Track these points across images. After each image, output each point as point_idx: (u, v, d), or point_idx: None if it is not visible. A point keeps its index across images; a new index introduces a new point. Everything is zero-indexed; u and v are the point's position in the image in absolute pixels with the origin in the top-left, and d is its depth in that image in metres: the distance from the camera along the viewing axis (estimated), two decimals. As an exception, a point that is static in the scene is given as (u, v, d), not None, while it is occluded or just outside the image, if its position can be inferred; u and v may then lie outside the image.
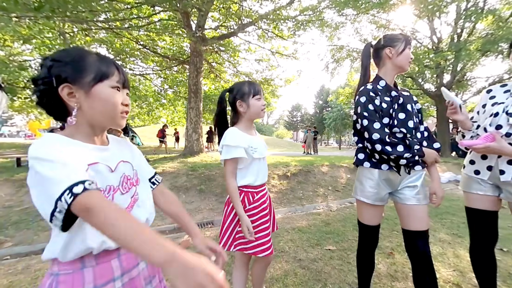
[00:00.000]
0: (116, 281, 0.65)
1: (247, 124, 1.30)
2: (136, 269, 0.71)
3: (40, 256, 0.60)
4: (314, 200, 4.40)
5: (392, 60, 1.28)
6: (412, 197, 1.23)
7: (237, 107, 1.26)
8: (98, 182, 0.62)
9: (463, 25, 9.61)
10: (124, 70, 0.71)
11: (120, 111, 0.67)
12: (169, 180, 4.31)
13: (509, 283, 1.79)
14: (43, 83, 0.61)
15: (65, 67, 0.61)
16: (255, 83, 1.29)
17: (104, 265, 0.64)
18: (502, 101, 1.27)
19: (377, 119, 1.22)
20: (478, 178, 1.34)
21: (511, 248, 2.36)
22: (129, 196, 0.72)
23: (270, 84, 9.24)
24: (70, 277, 0.60)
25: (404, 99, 1.28)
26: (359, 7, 7.27)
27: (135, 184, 0.75)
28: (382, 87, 1.29)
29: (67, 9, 3.96)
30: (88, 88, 0.62)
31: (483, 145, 1.19)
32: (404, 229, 1.26)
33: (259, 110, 1.26)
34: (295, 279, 1.82)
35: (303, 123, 51.10)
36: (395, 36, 1.31)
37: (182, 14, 6.21)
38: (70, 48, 0.66)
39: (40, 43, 6.43)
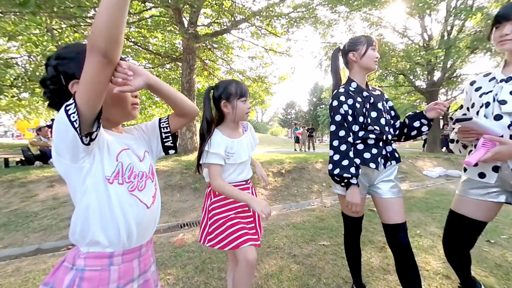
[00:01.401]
0: (134, 282, 0.66)
1: (231, 125, 1.24)
2: (149, 271, 0.73)
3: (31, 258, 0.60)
4: (309, 197, 4.44)
5: (358, 63, 1.36)
6: (388, 190, 1.30)
7: (221, 107, 1.19)
8: (134, 166, 0.67)
9: (453, 23, 9.78)
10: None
11: (130, 102, 0.69)
12: (163, 178, 4.28)
13: (495, 273, 1.85)
14: (52, 82, 0.61)
15: (70, 63, 0.60)
16: (242, 84, 1.21)
17: (128, 265, 0.65)
18: (490, 89, 1.14)
19: (343, 128, 1.29)
20: (483, 182, 1.15)
21: (498, 239, 2.44)
22: (154, 184, 0.75)
23: (264, 81, 9.21)
24: (97, 274, 0.59)
25: (375, 99, 1.34)
26: (352, 4, 7.32)
27: (154, 175, 0.78)
28: (354, 89, 1.36)
29: (54, 5, 3.84)
30: None
31: (491, 153, 1.01)
32: (384, 224, 1.31)
33: (243, 113, 1.20)
34: (289, 274, 1.84)
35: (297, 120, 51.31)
36: (357, 39, 1.37)
37: (173, 10, 6.11)
38: (72, 44, 0.65)
39: (27, 39, 6.23)
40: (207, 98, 1.20)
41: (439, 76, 10.71)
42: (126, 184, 0.64)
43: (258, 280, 1.76)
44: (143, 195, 0.68)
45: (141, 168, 0.69)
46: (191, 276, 1.81)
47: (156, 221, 0.76)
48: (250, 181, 1.33)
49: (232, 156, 1.19)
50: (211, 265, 1.94)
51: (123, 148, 0.66)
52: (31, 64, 8.39)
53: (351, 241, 1.51)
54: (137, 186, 0.67)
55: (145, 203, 0.68)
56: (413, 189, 5.28)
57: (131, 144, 0.71)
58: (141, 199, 0.67)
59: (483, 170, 1.15)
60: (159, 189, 0.80)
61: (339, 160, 1.26)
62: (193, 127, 6.89)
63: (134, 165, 0.67)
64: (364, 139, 1.30)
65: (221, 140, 1.17)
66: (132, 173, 0.66)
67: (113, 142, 0.64)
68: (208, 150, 1.14)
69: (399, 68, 10.35)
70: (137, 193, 0.67)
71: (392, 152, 1.36)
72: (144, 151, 0.74)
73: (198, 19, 7.10)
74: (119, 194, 0.62)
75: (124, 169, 0.64)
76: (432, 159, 8.01)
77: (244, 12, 6.94)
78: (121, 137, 0.70)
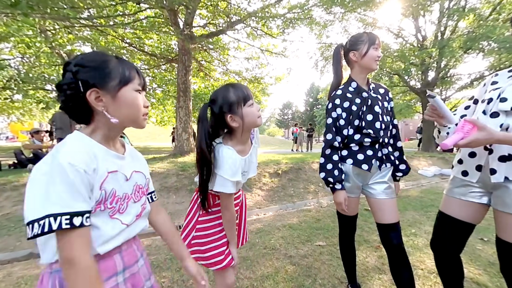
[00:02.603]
0: (119, 276, 0.67)
1: (243, 138, 1.04)
2: (136, 265, 0.74)
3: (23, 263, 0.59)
4: (305, 197, 4.45)
5: (358, 62, 1.32)
6: (382, 191, 1.31)
7: (229, 123, 0.98)
8: (116, 190, 0.66)
9: (446, 23, 9.90)
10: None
11: (142, 113, 0.70)
12: (159, 180, 4.25)
13: (489, 271, 1.87)
14: (69, 88, 0.62)
15: (91, 72, 0.62)
16: (241, 86, 1.00)
17: (108, 260, 0.65)
18: (501, 85, 1.05)
19: (331, 131, 1.32)
20: (466, 180, 1.11)
21: (491, 237, 2.46)
22: (140, 204, 0.75)
23: (260, 82, 9.22)
24: None
25: (372, 101, 1.31)
26: (347, 5, 7.37)
27: (145, 193, 0.79)
28: (354, 89, 1.34)
29: (47, 6, 3.79)
30: (115, 92, 0.65)
31: (467, 141, 0.92)
32: (378, 223, 1.33)
33: (255, 118, 1.00)
34: (285, 275, 1.83)
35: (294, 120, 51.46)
36: (358, 38, 1.31)
37: (169, 11, 6.09)
38: (93, 53, 0.67)
39: (19, 41, 6.15)
40: (203, 120, 0.97)
41: (433, 76, 10.82)
42: (108, 210, 0.64)
43: (254, 282, 1.75)
44: (124, 217, 0.69)
45: (124, 189, 0.69)
46: (186, 279, 1.80)
47: (137, 230, 0.76)
48: (241, 190, 1.25)
49: (245, 175, 1.08)
50: (206, 268, 1.93)
51: (110, 171, 0.64)
52: (24, 66, 8.28)
53: (345, 239, 1.53)
54: (118, 210, 0.67)
55: (125, 224, 0.69)
56: (408, 188, 5.33)
57: (121, 164, 0.70)
58: (122, 221, 0.68)
59: (466, 168, 1.12)
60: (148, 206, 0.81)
61: (323, 163, 1.32)
62: (189, 128, 6.86)
63: (117, 189, 0.66)
64: (359, 142, 1.30)
65: (238, 163, 0.99)
66: (115, 198, 0.65)
67: (102, 165, 0.63)
68: (225, 177, 0.95)
69: (393, 68, 10.45)
70: (118, 215, 0.67)
71: (388, 155, 1.35)
72: (132, 171, 0.73)
73: (194, 20, 7.08)
74: (99, 221, 0.62)
75: (107, 195, 0.63)
76: (427, 158, 8.08)
77: (240, 13, 6.94)
78: (114, 156, 0.68)
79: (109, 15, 6.20)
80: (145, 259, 0.80)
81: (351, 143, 1.31)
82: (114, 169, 0.66)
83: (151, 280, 0.79)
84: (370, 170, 1.29)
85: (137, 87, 0.68)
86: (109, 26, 6.39)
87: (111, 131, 0.69)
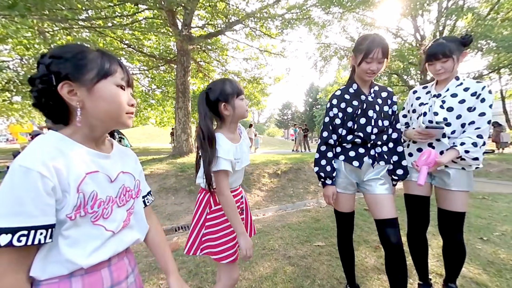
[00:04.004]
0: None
1: (231, 128, 1.17)
2: (125, 282, 0.66)
3: None
4: (305, 197, 4.44)
5: (357, 67, 1.31)
6: (377, 187, 1.33)
7: (222, 110, 1.10)
8: (98, 192, 0.59)
9: (444, 23, 9.92)
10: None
11: (125, 111, 0.64)
12: (158, 181, 4.24)
13: (488, 270, 1.86)
14: (41, 81, 0.56)
15: (65, 63, 0.56)
16: (235, 82, 1.16)
17: (94, 274, 0.59)
18: (426, 101, 1.47)
19: (327, 129, 1.37)
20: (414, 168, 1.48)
21: (490, 236, 2.46)
22: (125, 209, 0.68)
23: (259, 82, 9.23)
24: (55, 286, 0.54)
25: (367, 105, 1.31)
26: (345, 5, 7.37)
27: (134, 196, 0.72)
28: (354, 90, 1.35)
29: (44, 7, 3.79)
30: (91, 85, 0.58)
31: (432, 169, 1.32)
32: (376, 219, 1.33)
33: (244, 110, 1.14)
34: (284, 276, 1.82)
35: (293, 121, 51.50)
36: (360, 42, 1.27)
37: (167, 12, 6.09)
38: (70, 44, 0.62)
39: (17, 42, 6.15)
40: (203, 103, 1.10)
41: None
42: (89, 215, 0.58)
43: (252, 283, 1.74)
44: (109, 223, 0.62)
45: (107, 192, 0.62)
46: (184, 280, 1.78)
47: (129, 242, 0.69)
48: (241, 186, 1.30)
49: (238, 162, 1.13)
50: (205, 269, 1.92)
51: (89, 172, 0.58)
52: (23, 67, 8.28)
53: (343, 239, 1.53)
54: (102, 215, 0.60)
55: (111, 230, 0.62)
56: (408, 188, 5.32)
57: (105, 163, 0.63)
58: (106, 228, 0.61)
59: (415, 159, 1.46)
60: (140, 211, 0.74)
61: (318, 159, 1.38)
62: (188, 129, 6.86)
63: (99, 191, 0.59)
64: (352, 141, 1.35)
65: (230, 145, 1.10)
66: (96, 201, 0.59)
67: (78, 166, 0.57)
68: (219, 156, 1.05)
69: (392, 68, 10.47)
70: (102, 221, 0.60)
71: (381, 154, 1.36)
72: (119, 172, 0.66)
73: (192, 21, 7.09)
74: (81, 228, 0.57)
75: (87, 199, 0.57)
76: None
77: (238, 14, 6.96)
78: (95, 155, 0.62)
79: (108, 16, 6.21)
80: (136, 276, 0.73)
81: (344, 142, 1.37)
82: (94, 170, 0.60)
83: None
84: (361, 167, 1.33)
85: (119, 82, 0.62)
86: (107, 27, 6.39)
87: (94, 131, 0.62)
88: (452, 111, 1.36)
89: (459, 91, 1.38)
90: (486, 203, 3.78)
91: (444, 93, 1.42)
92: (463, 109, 1.34)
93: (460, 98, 1.36)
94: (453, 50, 1.33)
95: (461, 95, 1.36)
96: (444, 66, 1.37)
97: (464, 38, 1.36)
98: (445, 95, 1.41)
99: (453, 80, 1.42)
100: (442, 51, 1.34)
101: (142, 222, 0.75)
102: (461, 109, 1.35)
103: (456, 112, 1.36)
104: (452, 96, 1.38)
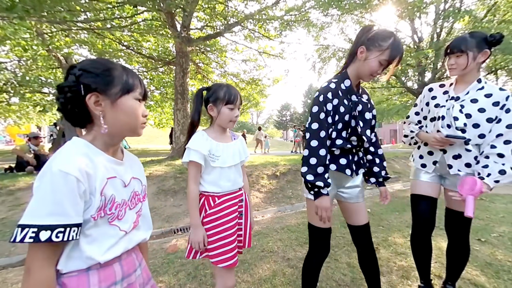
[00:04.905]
0: (117, 285, 0.67)
1: (217, 129, 1.20)
2: (134, 275, 0.74)
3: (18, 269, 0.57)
4: (303, 199, 4.44)
5: (361, 62, 1.16)
6: (355, 196, 1.29)
7: (208, 110, 1.18)
8: (115, 196, 0.67)
9: (442, 25, 9.99)
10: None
11: (140, 122, 0.71)
12: (157, 183, 4.23)
13: (486, 271, 1.87)
14: (70, 90, 0.63)
15: (95, 77, 0.64)
16: (233, 90, 1.17)
17: (108, 269, 0.66)
18: (443, 103, 1.38)
19: (325, 128, 1.12)
20: (424, 170, 1.52)
21: (488, 238, 2.47)
22: (135, 211, 0.76)
23: (258, 84, 9.26)
24: (75, 279, 0.60)
25: (363, 107, 1.20)
26: (343, 7, 7.41)
27: (142, 200, 0.80)
28: (346, 87, 1.18)
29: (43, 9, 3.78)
30: (115, 99, 0.66)
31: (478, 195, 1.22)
32: (351, 225, 1.33)
33: (227, 120, 1.16)
34: (283, 278, 1.82)
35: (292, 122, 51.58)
36: (382, 38, 1.09)
37: (166, 14, 6.10)
38: (99, 59, 0.70)
39: (15, 44, 6.13)
40: (197, 97, 1.19)
41: (429, 77, 10.90)
42: (107, 216, 0.65)
43: (251, 286, 1.74)
44: (123, 223, 0.70)
45: (122, 195, 0.70)
46: (183, 283, 1.78)
47: (137, 241, 0.76)
48: (242, 189, 1.27)
49: (217, 159, 1.14)
50: (204, 271, 1.92)
51: (109, 177, 0.66)
52: (21, 69, 8.25)
53: (315, 261, 1.30)
54: (117, 216, 0.68)
55: (124, 231, 0.70)
56: (406, 189, 5.34)
57: (120, 169, 0.71)
58: (121, 228, 0.69)
59: (425, 162, 1.51)
60: (147, 213, 0.82)
61: (315, 165, 1.09)
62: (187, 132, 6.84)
63: (116, 195, 0.67)
64: (341, 147, 1.19)
65: (204, 139, 1.14)
66: (114, 204, 0.67)
67: (101, 171, 0.64)
68: (188, 147, 1.12)
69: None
70: (117, 222, 0.68)
71: (362, 160, 1.31)
72: (131, 177, 0.75)
73: (191, 23, 7.10)
74: (100, 227, 0.64)
75: (107, 201, 0.65)
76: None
77: (237, 16, 6.98)
78: (113, 162, 0.70)
79: (106, 18, 6.20)
80: (143, 268, 0.81)
81: (333, 147, 1.18)
82: (113, 175, 0.67)
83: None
84: (352, 175, 1.23)
85: (137, 96, 0.70)
86: (106, 29, 6.39)
87: (112, 139, 0.69)
88: (470, 118, 1.27)
89: (480, 96, 1.29)
90: (484, 204, 3.80)
91: (463, 96, 1.32)
92: (482, 119, 1.25)
93: (480, 105, 1.26)
94: (471, 47, 1.23)
95: (482, 102, 1.27)
96: (457, 62, 1.28)
97: (492, 36, 1.21)
98: (464, 98, 1.31)
99: (475, 82, 1.31)
100: (458, 45, 1.25)
101: (148, 224, 0.84)
102: (479, 119, 1.26)
103: (474, 121, 1.27)
104: (472, 101, 1.29)
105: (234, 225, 1.17)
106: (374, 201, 4.12)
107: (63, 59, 7.54)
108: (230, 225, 1.16)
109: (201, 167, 1.14)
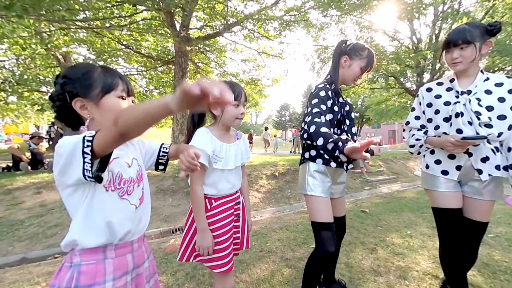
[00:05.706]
0: (128, 275, 0.72)
1: (221, 128, 1.15)
2: (142, 266, 0.78)
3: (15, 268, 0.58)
4: (302, 199, 4.44)
5: (344, 69, 1.34)
6: (340, 192, 1.46)
7: (212, 109, 1.11)
8: (122, 172, 0.73)
9: (440, 26, 10.03)
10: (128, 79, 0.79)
11: None
12: (155, 183, 4.22)
13: (483, 272, 1.88)
14: (58, 99, 0.70)
15: (75, 83, 0.69)
16: (237, 87, 1.11)
17: (122, 258, 0.71)
18: (454, 100, 1.23)
19: (324, 114, 1.21)
20: (446, 178, 1.28)
21: (485, 238, 2.48)
22: (140, 188, 0.81)
23: (257, 84, 9.24)
24: (93, 267, 0.65)
25: (350, 108, 1.39)
26: (343, 8, 7.42)
27: (142, 179, 0.84)
28: (335, 91, 1.35)
29: (41, 8, 3.76)
30: (97, 100, 0.70)
31: None
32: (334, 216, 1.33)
33: (233, 118, 1.11)
34: (281, 278, 1.83)
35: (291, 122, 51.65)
36: (361, 49, 1.30)
37: (165, 13, 6.08)
38: (77, 65, 0.75)
39: (13, 42, 6.09)
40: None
41: (428, 78, 10.94)
42: (117, 190, 0.71)
43: (250, 286, 1.74)
44: (132, 198, 0.75)
45: (129, 173, 0.75)
46: (181, 283, 1.78)
47: (146, 219, 0.82)
48: (239, 191, 1.24)
49: (220, 161, 1.09)
50: (202, 271, 1.92)
51: (113, 158, 0.70)
52: (19, 67, 8.20)
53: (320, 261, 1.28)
54: (126, 191, 0.73)
55: (134, 204, 0.76)
56: (404, 190, 5.36)
57: (122, 153, 0.76)
58: (130, 202, 0.74)
59: (446, 168, 1.29)
60: (148, 190, 0.85)
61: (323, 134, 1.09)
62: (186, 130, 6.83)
63: (123, 172, 0.73)
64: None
65: (209, 139, 1.08)
66: (122, 180, 0.72)
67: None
68: (194, 146, 1.03)
69: (389, 70, 10.54)
70: (127, 196, 0.74)
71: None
72: (132, 158, 0.80)
73: (191, 22, 7.08)
74: (112, 200, 0.70)
75: (115, 176, 0.70)
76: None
77: (237, 16, 6.97)
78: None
79: (105, 17, 6.18)
80: (151, 261, 0.86)
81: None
82: (116, 156, 0.72)
83: (151, 282, 0.84)
84: (338, 167, 1.32)
85: (120, 94, 0.73)
86: (105, 28, 6.37)
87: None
88: (493, 110, 1.14)
89: (491, 86, 1.17)
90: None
91: (474, 89, 1.20)
92: (506, 109, 1.13)
93: (498, 95, 1.15)
94: (475, 37, 1.14)
95: (497, 91, 1.15)
96: (462, 54, 1.17)
97: (492, 25, 1.14)
98: (476, 91, 1.19)
99: (480, 74, 1.21)
100: (463, 36, 1.15)
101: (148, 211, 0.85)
102: (503, 109, 1.13)
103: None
104: (486, 92, 1.17)
105: (230, 229, 1.13)
106: (372, 201, 4.14)
107: (62, 58, 7.50)
108: (226, 229, 1.12)
109: (206, 168, 1.08)
